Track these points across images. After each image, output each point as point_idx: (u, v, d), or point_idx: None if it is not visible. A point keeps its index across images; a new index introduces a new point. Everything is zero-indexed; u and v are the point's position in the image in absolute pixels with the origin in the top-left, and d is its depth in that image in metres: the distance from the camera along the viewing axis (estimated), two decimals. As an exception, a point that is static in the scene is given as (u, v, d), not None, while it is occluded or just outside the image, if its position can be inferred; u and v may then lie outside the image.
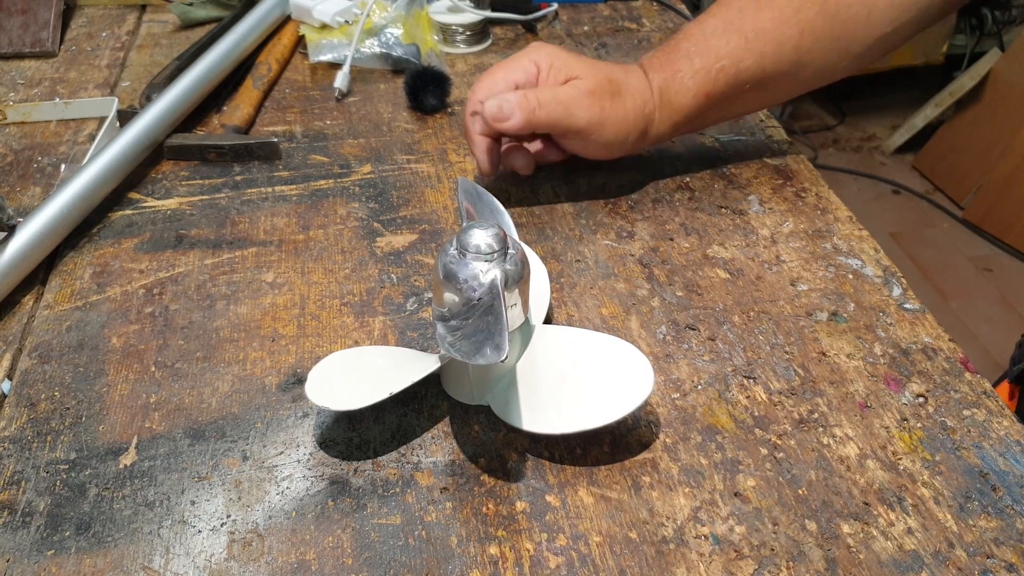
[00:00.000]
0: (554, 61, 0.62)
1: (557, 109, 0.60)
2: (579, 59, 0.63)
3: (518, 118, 0.59)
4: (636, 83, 0.63)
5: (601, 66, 0.63)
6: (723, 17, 0.64)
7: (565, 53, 0.63)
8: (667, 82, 0.63)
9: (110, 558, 0.43)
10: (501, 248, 0.45)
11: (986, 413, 0.50)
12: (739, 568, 0.42)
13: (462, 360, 0.44)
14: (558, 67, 0.62)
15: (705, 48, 0.63)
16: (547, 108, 0.60)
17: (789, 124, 2.53)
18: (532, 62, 0.62)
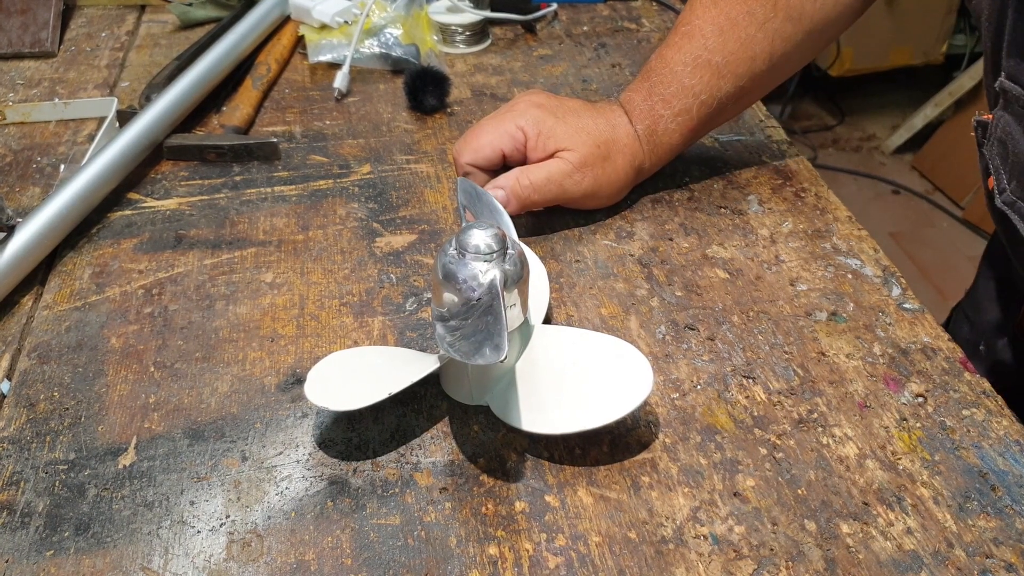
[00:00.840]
0: (541, 129, 0.61)
1: (551, 189, 0.60)
2: (565, 125, 0.61)
3: (513, 205, 0.60)
4: (624, 138, 0.63)
5: (589, 128, 0.62)
6: (689, 52, 0.62)
7: (551, 118, 0.61)
8: (652, 129, 0.63)
9: (109, 559, 0.43)
10: (500, 248, 0.45)
11: (985, 413, 0.50)
12: (738, 568, 0.42)
13: (461, 360, 0.44)
14: (546, 135, 0.61)
15: (680, 89, 0.62)
16: (541, 191, 0.60)
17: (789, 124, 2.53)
18: (519, 128, 0.61)
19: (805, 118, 2.61)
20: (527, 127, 0.61)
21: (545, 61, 0.86)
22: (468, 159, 0.62)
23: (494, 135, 0.61)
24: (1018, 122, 0.48)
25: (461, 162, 0.63)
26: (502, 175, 0.61)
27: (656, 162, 0.65)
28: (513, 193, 0.60)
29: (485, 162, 0.62)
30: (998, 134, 0.50)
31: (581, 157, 0.61)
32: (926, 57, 2.46)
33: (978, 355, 0.69)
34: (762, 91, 0.66)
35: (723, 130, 0.75)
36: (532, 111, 0.62)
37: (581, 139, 0.61)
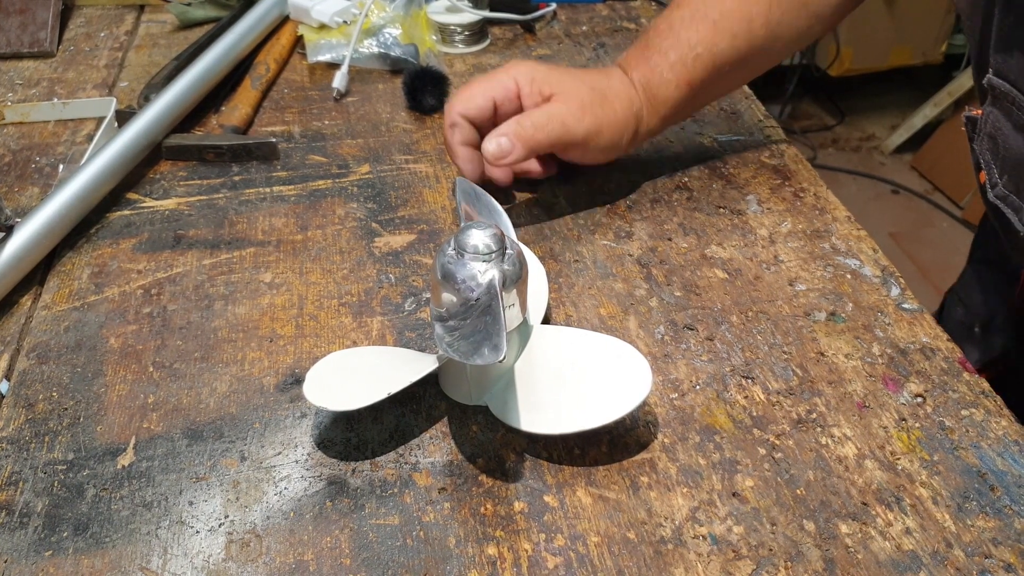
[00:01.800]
0: (534, 75, 0.61)
1: (555, 128, 0.60)
2: (559, 72, 0.62)
3: (519, 149, 0.59)
4: (619, 85, 0.63)
5: (581, 76, 0.63)
6: (688, 7, 0.63)
7: (544, 68, 0.62)
8: (648, 78, 0.63)
9: (108, 559, 0.43)
10: (499, 248, 0.45)
11: (984, 413, 0.50)
12: (737, 568, 0.42)
13: (460, 360, 0.44)
14: (539, 82, 0.61)
15: (676, 41, 0.63)
16: (545, 130, 0.59)
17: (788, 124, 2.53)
18: (511, 78, 0.61)
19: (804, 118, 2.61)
20: (519, 77, 0.61)
21: (544, 61, 0.86)
22: (460, 108, 0.61)
23: (486, 84, 0.62)
24: (1007, 117, 0.49)
25: (452, 112, 0.62)
26: (502, 124, 0.60)
27: (653, 114, 0.64)
28: (516, 136, 0.59)
29: (476, 111, 0.61)
30: (988, 129, 0.50)
31: (578, 98, 0.60)
32: (925, 57, 2.46)
33: (973, 338, 0.70)
34: (759, 63, 0.66)
35: (722, 130, 0.75)
36: (523, 64, 0.62)
37: (575, 84, 0.61)
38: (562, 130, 0.60)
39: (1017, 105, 0.47)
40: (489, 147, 0.59)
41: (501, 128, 0.60)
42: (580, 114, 0.60)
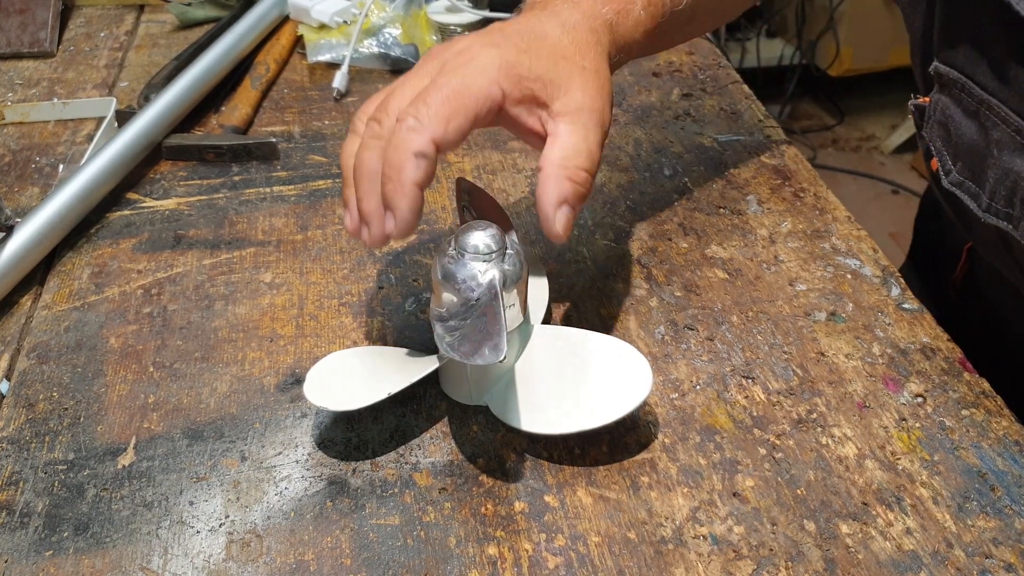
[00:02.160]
0: (521, 74, 0.45)
1: (599, 150, 0.46)
2: (537, 57, 0.46)
3: (583, 200, 0.46)
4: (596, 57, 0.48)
5: (561, 50, 0.47)
6: None
7: (518, 55, 0.45)
8: (619, 18, 0.50)
9: (108, 559, 0.43)
10: (499, 248, 0.45)
11: (985, 413, 0.50)
12: (738, 568, 0.42)
13: (461, 360, 0.44)
14: (528, 82, 0.45)
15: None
16: (596, 160, 0.46)
17: (788, 124, 2.53)
18: (496, 86, 0.44)
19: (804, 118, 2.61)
20: (505, 82, 0.44)
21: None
22: (436, 133, 0.42)
23: (467, 101, 0.43)
24: (957, 104, 0.49)
25: (423, 137, 0.42)
26: (546, 182, 0.44)
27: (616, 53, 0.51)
28: (578, 197, 0.45)
29: (458, 139, 0.43)
30: (937, 116, 0.50)
31: (599, 109, 0.46)
32: (925, 57, 2.46)
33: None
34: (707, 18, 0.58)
35: (722, 130, 0.75)
36: (497, 60, 0.45)
37: (569, 69, 0.46)
38: (602, 140, 0.47)
39: (966, 91, 0.47)
40: (557, 227, 0.44)
41: (550, 193, 0.44)
42: (604, 109, 0.47)
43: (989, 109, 0.46)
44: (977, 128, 0.47)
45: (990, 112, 0.46)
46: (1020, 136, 0.44)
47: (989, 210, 0.47)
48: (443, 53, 0.47)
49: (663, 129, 0.75)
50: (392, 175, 0.42)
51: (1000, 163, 0.46)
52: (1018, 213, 0.45)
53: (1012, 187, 0.45)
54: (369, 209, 0.44)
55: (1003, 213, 0.46)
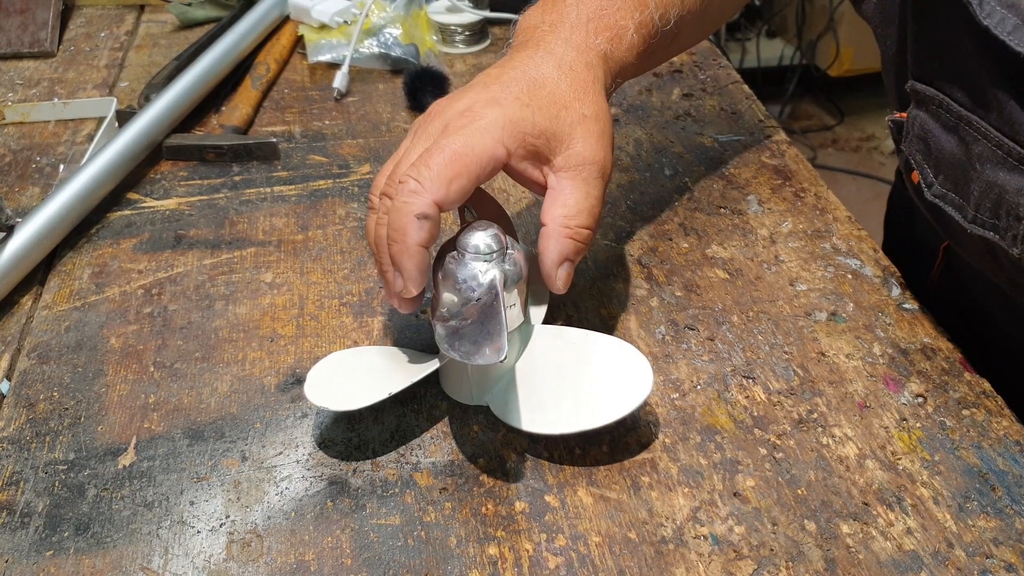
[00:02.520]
0: (524, 131, 0.45)
1: (600, 203, 0.47)
2: (539, 111, 0.46)
3: (581, 254, 0.47)
4: (595, 97, 0.48)
5: (563, 101, 0.47)
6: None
7: (521, 110, 0.45)
8: (612, 45, 0.50)
9: (109, 559, 0.43)
10: (500, 248, 0.45)
11: (985, 413, 0.50)
12: (738, 568, 0.42)
13: (462, 361, 0.44)
14: (531, 138, 0.45)
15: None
16: (596, 216, 0.47)
17: (788, 124, 2.53)
18: (501, 145, 0.44)
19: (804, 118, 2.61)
20: (509, 142, 0.45)
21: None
22: (439, 196, 0.43)
23: (470, 160, 0.43)
24: (935, 119, 0.49)
25: (424, 199, 0.43)
26: (548, 240, 0.46)
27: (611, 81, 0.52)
28: (577, 252, 0.46)
29: (460, 199, 0.44)
30: (916, 132, 0.51)
31: (601, 162, 0.47)
32: (925, 57, 2.46)
33: None
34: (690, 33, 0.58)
35: (722, 130, 0.75)
36: (501, 120, 0.45)
37: (571, 122, 0.47)
38: (602, 194, 0.47)
39: (944, 107, 0.48)
40: (558, 283, 0.46)
41: (553, 250, 0.45)
42: (605, 160, 0.47)
43: (968, 124, 0.46)
44: (957, 142, 0.48)
45: (969, 127, 0.46)
46: (1001, 150, 0.45)
47: (975, 221, 0.48)
48: (445, 112, 0.47)
49: (663, 129, 0.75)
50: (397, 237, 0.43)
51: (983, 176, 0.46)
52: (1004, 224, 0.45)
53: (997, 200, 0.46)
54: (392, 277, 0.45)
55: (989, 224, 0.47)
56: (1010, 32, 0.42)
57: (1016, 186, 0.44)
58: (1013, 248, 0.45)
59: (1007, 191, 0.45)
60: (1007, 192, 0.45)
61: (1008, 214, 0.45)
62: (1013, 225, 0.45)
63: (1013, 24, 0.42)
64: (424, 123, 0.48)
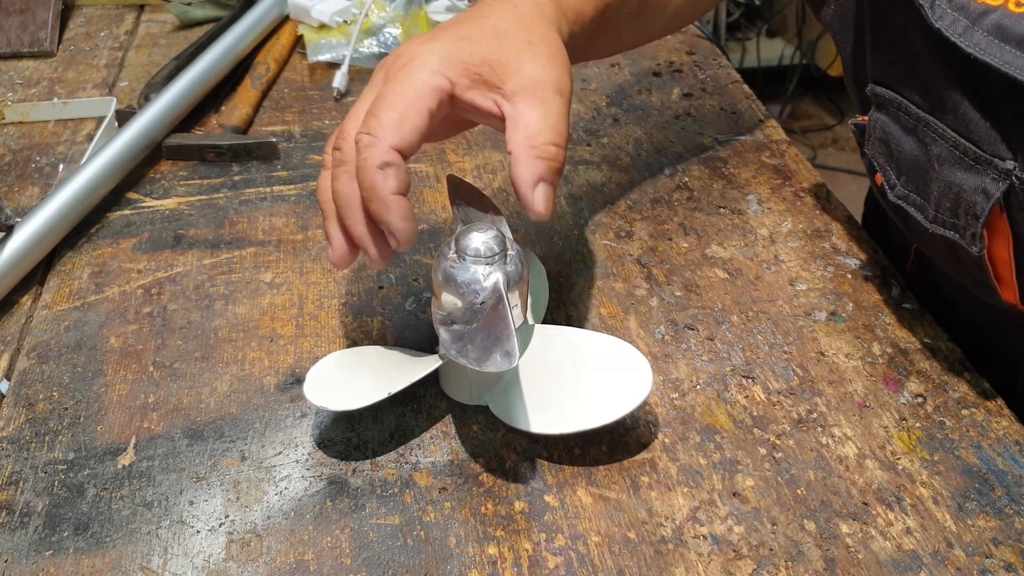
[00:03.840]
0: (467, 62, 0.45)
1: (564, 120, 0.46)
2: (483, 41, 0.46)
3: (558, 177, 0.45)
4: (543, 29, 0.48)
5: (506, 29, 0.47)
6: None
7: (461, 42, 0.45)
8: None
9: (108, 558, 0.43)
10: (501, 251, 0.45)
11: (985, 413, 0.50)
12: (738, 568, 0.42)
13: (471, 367, 0.43)
14: (477, 68, 0.45)
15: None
16: (563, 130, 0.45)
17: (788, 124, 2.53)
18: (443, 77, 0.44)
19: (805, 118, 2.60)
20: (452, 72, 0.44)
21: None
22: (394, 140, 0.42)
23: (414, 96, 0.43)
24: (895, 121, 0.50)
25: (381, 146, 0.42)
26: (517, 166, 0.44)
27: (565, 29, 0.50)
28: (552, 172, 0.44)
29: (418, 139, 0.43)
30: (877, 134, 0.51)
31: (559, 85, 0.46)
32: (925, 57, 2.46)
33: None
34: (652, 20, 0.59)
35: (722, 130, 0.75)
36: (438, 52, 0.45)
37: (517, 47, 0.46)
38: (565, 115, 0.46)
39: (903, 110, 0.49)
40: (538, 206, 0.44)
41: (524, 173, 0.44)
42: (561, 77, 0.46)
43: (926, 126, 0.47)
44: (917, 144, 0.49)
45: (928, 129, 0.47)
46: (958, 150, 0.45)
47: (936, 221, 0.48)
48: (386, 63, 0.47)
49: (663, 129, 0.75)
50: (370, 195, 0.43)
51: (942, 176, 0.47)
52: (963, 223, 0.46)
53: (955, 199, 0.46)
54: (360, 233, 0.44)
55: (949, 223, 0.48)
56: (961, 34, 0.42)
57: (973, 185, 0.45)
58: (972, 247, 0.46)
59: (964, 190, 0.45)
60: (964, 191, 0.45)
61: (966, 213, 0.46)
62: (971, 224, 0.45)
63: (964, 26, 0.42)
64: (370, 79, 0.48)
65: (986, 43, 0.42)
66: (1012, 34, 0.41)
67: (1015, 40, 0.41)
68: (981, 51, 0.42)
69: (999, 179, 0.44)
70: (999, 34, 0.41)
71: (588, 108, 0.78)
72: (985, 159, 0.44)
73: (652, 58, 0.86)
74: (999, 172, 0.43)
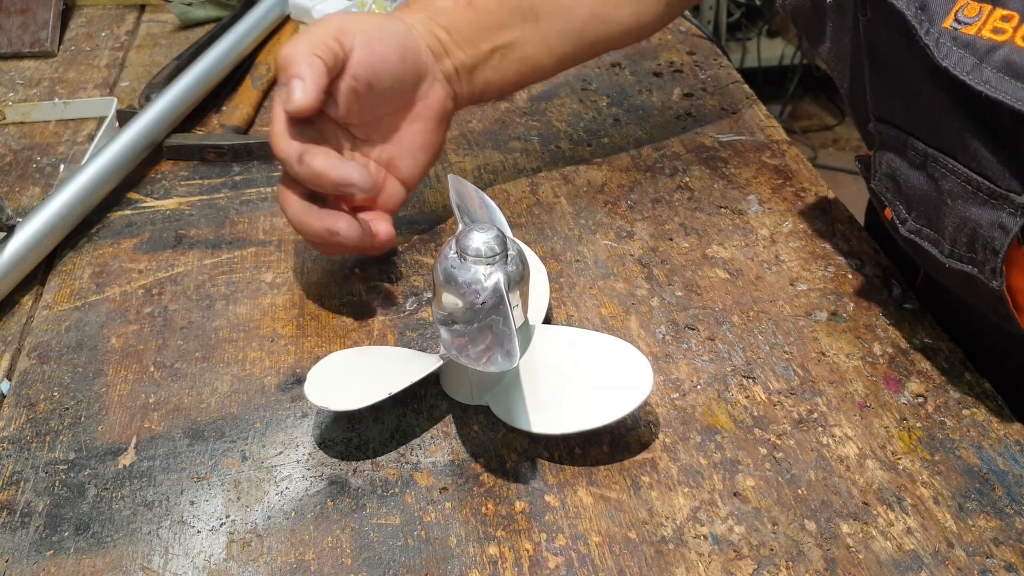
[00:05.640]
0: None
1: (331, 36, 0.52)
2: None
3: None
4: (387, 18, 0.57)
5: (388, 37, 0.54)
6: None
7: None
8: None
9: (109, 558, 0.43)
10: (502, 251, 0.45)
11: (985, 413, 0.50)
12: (738, 568, 0.42)
13: (471, 367, 0.43)
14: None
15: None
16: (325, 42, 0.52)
17: (788, 124, 2.53)
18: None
19: (805, 118, 2.60)
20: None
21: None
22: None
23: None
24: (902, 157, 0.49)
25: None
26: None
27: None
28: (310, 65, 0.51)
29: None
30: (884, 169, 0.51)
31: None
32: (926, 57, 2.46)
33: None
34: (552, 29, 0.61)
35: (723, 130, 0.75)
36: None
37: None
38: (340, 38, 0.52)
39: (909, 146, 0.48)
40: (295, 94, 0.51)
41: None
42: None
43: (935, 162, 0.47)
44: (926, 179, 0.48)
45: (937, 164, 0.46)
46: (971, 185, 0.45)
47: (952, 255, 0.48)
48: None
49: (664, 129, 0.75)
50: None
51: (956, 212, 0.46)
52: (981, 257, 0.46)
53: (972, 234, 0.46)
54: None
55: (967, 258, 0.47)
56: (969, 72, 0.42)
57: (989, 220, 0.44)
58: (992, 281, 0.45)
59: (981, 225, 0.45)
60: (981, 226, 0.45)
61: (984, 248, 0.45)
62: (991, 259, 0.45)
63: (972, 64, 0.42)
64: None
65: (996, 80, 0.41)
66: (1022, 70, 0.40)
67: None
68: (992, 89, 0.41)
69: (1016, 214, 0.43)
70: (1008, 70, 0.41)
71: (589, 108, 0.78)
72: (1000, 194, 0.43)
73: (653, 58, 0.86)
74: (1015, 207, 0.43)
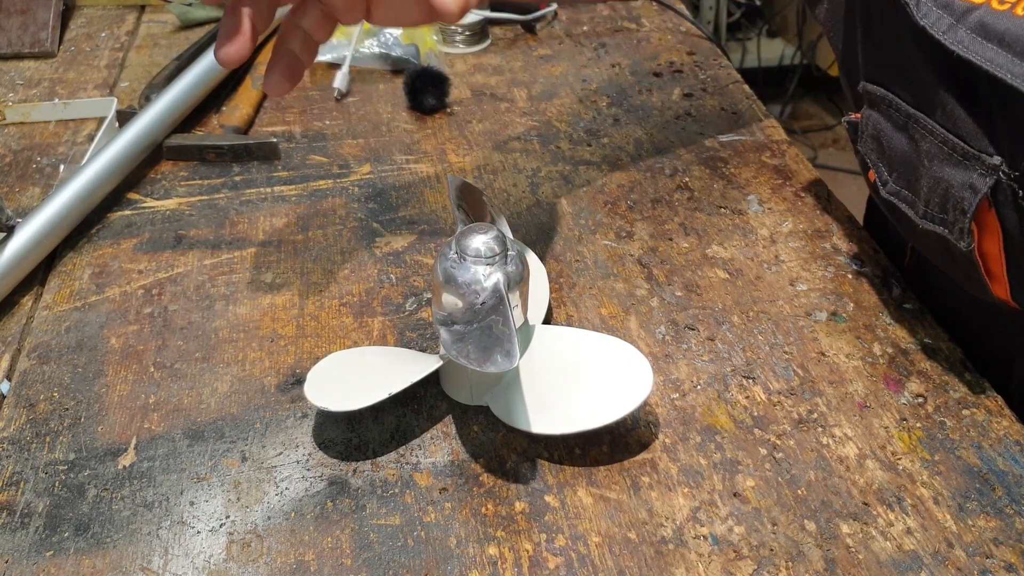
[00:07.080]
0: None
1: None
2: None
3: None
4: None
5: None
6: None
7: None
8: None
9: (109, 559, 0.43)
10: (502, 251, 0.45)
11: (985, 413, 0.50)
12: (738, 568, 0.42)
13: (470, 367, 0.43)
14: None
15: None
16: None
17: (789, 124, 2.53)
18: None
19: (805, 118, 2.60)
20: None
21: (545, 61, 0.86)
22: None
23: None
24: (887, 119, 0.51)
25: None
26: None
27: None
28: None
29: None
30: (870, 131, 0.52)
31: None
32: (926, 57, 2.46)
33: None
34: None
35: (723, 130, 0.75)
36: None
37: None
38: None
39: (894, 107, 0.49)
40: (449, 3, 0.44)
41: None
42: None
43: (916, 123, 0.48)
44: (907, 140, 0.49)
45: (917, 125, 0.48)
46: (946, 146, 0.46)
47: (926, 216, 0.49)
48: None
49: (664, 129, 0.75)
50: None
51: (931, 172, 0.47)
52: (952, 218, 0.47)
53: (944, 195, 0.47)
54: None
55: (938, 219, 0.48)
56: (945, 31, 0.43)
57: (960, 180, 0.45)
58: (960, 242, 0.47)
59: (953, 186, 0.46)
60: (953, 187, 0.46)
61: (955, 208, 0.46)
62: (959, 219, 0.46)
63: (948, 24, 0.43)
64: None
65: (969, 40, 0.42)
66: (994, 32, 0.41)
67: (997, 38, 0.41)
68: (964, 49, 0.42)
69: (986, 175, 0.44)
70: (982, 32, 0.42)
71: (589, 108, 0.78)
72: (973, 155, 0.44)
73: (653, 58, 0.86)
74: (986, 168, 0.44)
